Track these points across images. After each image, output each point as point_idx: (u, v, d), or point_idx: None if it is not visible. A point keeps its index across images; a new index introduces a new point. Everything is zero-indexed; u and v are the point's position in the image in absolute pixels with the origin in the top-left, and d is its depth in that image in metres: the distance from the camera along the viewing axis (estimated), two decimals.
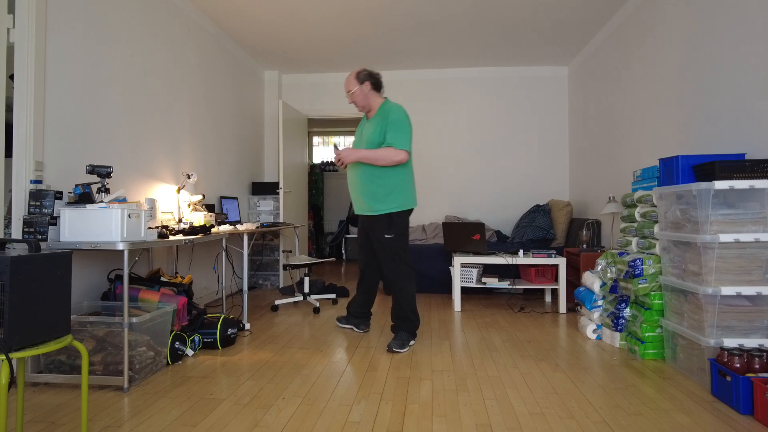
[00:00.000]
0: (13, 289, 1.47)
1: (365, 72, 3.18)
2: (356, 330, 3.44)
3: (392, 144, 2.95)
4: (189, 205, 3.76)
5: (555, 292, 4.63)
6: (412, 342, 3.07)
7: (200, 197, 3.83)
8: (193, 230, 3.02)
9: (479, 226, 4.22)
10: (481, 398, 2.19)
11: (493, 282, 4.25)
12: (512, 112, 5.97)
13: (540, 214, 5.25)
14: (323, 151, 9.56)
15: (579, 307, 3.57)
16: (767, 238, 2.22)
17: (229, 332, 3.03)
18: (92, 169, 2.54)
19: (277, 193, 5.35)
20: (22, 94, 2.47)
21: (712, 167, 2.36)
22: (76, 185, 2.54)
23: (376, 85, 3.21)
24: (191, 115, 4.20)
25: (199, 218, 3.61)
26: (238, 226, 3.72)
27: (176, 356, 2.70)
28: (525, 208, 5.89)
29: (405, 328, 3.08)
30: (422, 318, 3.82)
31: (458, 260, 4.14)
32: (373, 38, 4.93)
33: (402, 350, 2.95)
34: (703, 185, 2.28)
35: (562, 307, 4.03)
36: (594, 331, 3.23)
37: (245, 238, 3.57)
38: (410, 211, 3.14)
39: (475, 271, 4.30)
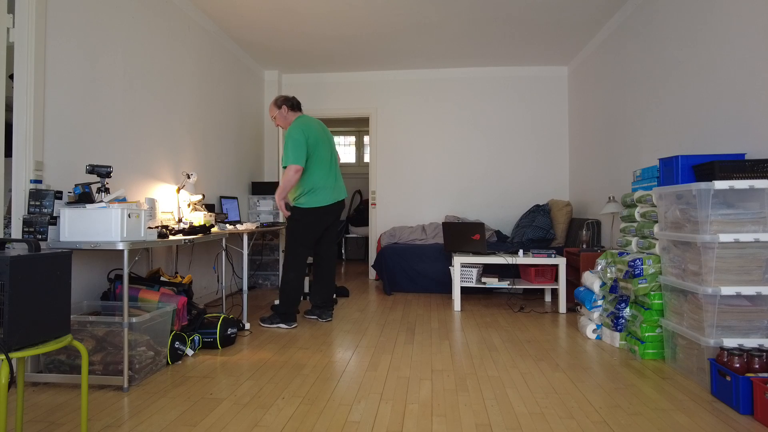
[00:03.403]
0: (13, 289, 1.47)
1: (281, 98, 3.69)
2: (320, 320, 3.70)
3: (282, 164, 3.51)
4: (189, 205, 3.76)
5: (555, 292, 4.64)
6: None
7: (200, 197, 3.83)
8: (192, 230, 3.02)
9: (479, 226, 4.22)
10: (481, 398, 2.19)
11: (492, 282, 4.25)
12: (512, 112, 5.97)
13: (540, 214, 5.25)
14: None
15: (579, 307, 3.57)
16: (767, 238, 2.22)
17: (228, 332, 3.03)
18: (92, 169, 2.54)
19: None
20: (22, 94, 2.47)
21: (711, 167, 2.36)
22: (76, 185, 2.54)
23: (292, 106, 3.69)
24: (191, 115, 4.20)
25: (199, 218, 3.61)
26: (238, 226, 3.72)
27: (176, 356, 2.70)
28: (525, 208, 5.89)
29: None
30: (422, 318, 3.83)
31: (458, 260, 4.14)
32: (373, 38, 4.93)
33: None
34: (703, 185, 2.28)
35: (562, 307, 4.03)
36: (594, 331, 3.23)
37: (245, 237, 3.57)
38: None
39: (474, 271, 4.30)
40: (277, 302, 3.63)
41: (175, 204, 3.85)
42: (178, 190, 3.81)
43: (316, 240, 3.66)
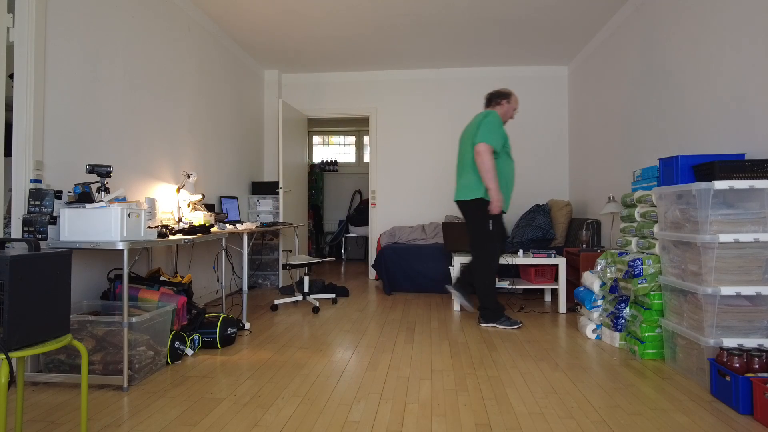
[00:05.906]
0: (12, 288, 1.47)
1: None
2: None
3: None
4: (189, 205, 3.76)
5: (555, 292, 4.64)
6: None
7: (200, 197, 3.83)
8: (192, 230, 3.02)
9: None
10: (481, 398, 2.19)
11: None
12: None
13: (540, 213, 5.25)
14: (323, 151, 9.55)
15: (579, 307, 3.57)
16: (767, 238, 2.22)
17: (228, 332, 3.03)
18: (92, 169, 2.54)
19: (277, 193, 5.35)
20: (22, 94, 2.47)
21: (711, 167, 2.36)
22: (76, 184, 2.54)
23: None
24: (191, 115, 4.20)
25: (199, 218, 3.61)
26: (238, 226, 3.72)
27: (176, 356, 2.70)
28: (525, 207, 5.89)
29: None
30: (421, 318, 3.83)
31: (458, 260, 4.14)
32: (373, 38, 4.93)
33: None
34: (703, 185, 2.28)
35: (562, 307, 4.03)
36: (593, 331, 3.23)
37: (245, 237, 3.57)
38: None
39: None
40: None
41: (175, 204, 3.85)
42: (178, 189, 3.81)
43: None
